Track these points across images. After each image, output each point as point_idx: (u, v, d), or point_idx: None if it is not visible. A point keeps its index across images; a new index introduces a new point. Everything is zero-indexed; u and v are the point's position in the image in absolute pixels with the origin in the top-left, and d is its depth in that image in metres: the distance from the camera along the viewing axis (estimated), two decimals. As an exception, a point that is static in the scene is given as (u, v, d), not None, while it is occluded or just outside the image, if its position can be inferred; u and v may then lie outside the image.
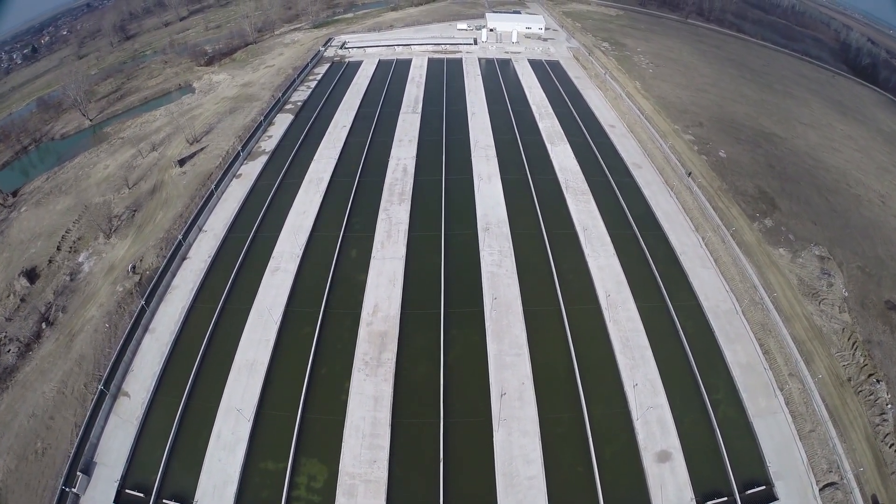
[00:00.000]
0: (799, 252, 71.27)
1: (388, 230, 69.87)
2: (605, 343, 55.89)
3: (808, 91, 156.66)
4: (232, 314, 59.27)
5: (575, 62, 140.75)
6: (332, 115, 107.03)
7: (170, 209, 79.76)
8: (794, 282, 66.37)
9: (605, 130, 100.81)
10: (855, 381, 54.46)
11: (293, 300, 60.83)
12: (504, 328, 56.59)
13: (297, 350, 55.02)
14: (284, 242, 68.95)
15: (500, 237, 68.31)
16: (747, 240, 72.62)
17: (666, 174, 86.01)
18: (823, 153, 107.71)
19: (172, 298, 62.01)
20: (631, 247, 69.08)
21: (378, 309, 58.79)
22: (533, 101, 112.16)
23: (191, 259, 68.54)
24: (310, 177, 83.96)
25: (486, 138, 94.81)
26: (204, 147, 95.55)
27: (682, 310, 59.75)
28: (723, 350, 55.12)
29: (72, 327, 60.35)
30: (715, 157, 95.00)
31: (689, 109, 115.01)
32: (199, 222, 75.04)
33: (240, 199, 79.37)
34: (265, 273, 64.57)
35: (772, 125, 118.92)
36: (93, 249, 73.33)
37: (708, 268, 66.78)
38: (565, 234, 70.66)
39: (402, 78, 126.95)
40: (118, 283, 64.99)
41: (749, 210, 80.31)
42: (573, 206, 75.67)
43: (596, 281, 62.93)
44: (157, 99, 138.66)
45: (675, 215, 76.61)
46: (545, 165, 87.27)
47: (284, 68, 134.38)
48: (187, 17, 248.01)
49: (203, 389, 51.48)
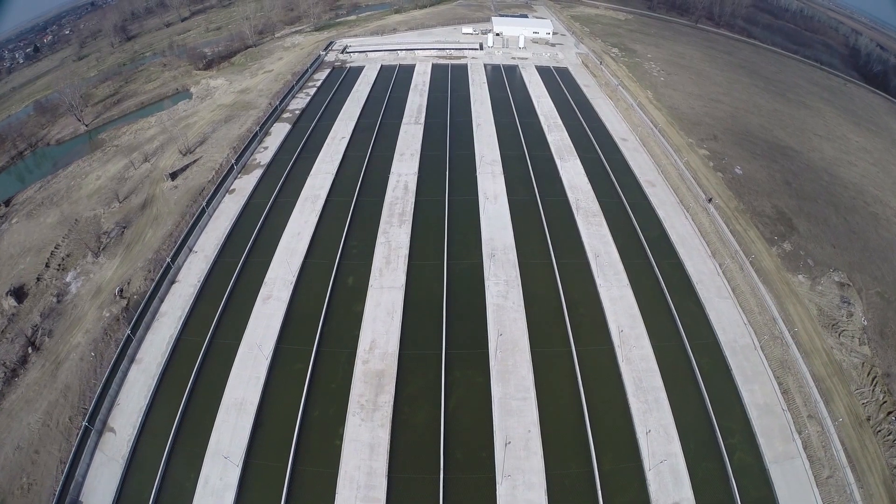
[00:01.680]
0: (818, 279, 68.55)
1: (387, 255, 65.96)
2: (617, 385, 52.15)
3: (821, 100, 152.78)
4: (220, 348, 55.77)
5: (584, 69, 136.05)
6: (330, 125, 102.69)
7: (160, 227, 76.68)
8: (813, 312, 63.58)
9: (616, 144, 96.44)
10: (874, 419, 52.05)
11: (285, 333, 57.17)
12: (510, 369, 52.77)
13: (288, 389, 51.43)
14: (277, 267, 65.24)
15: (506, 265, 64.22)
16: (766, 266, 69.37)
17: (681, 193, 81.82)
18: (840, 168, 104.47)
19: (160, 326, 58.95)
20: (645, 275, 65.07)
21: (375, 345, 55.06)
22: (541, 112, 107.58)
23: (180, 283, 65.29)
24: (305, 194, 79.91)
25: (492, 153, 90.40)
26: (197, 159, 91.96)
27: (699, 346, 56.06)
28: (740, 390, 51.87)
29: (58, 354, 58.00)
30: (731, 173, 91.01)
31: (702, 121, 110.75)
32: (190, 242, 71.56)
33: (232, 217, 75.67)
34: (256, 301, 60.97)
35: (787, 137, 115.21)
36: (81, 269, 70.82)
37: (725, 298, 63.09)
38: (576, 262, 66.47)
39: (404, 85, 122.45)
40: (105, 308, 62.56)
41: (767, 233, 77.04)
42: (584, 229, 71.49)
43: (608, 314, 59.02)
44: (153, 104, 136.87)
45: (690, 239, 72.59)
46: (554, 183, 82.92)
47: (283, 74, 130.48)
48: (189, 17, 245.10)
49: (190, 429, 48.41)
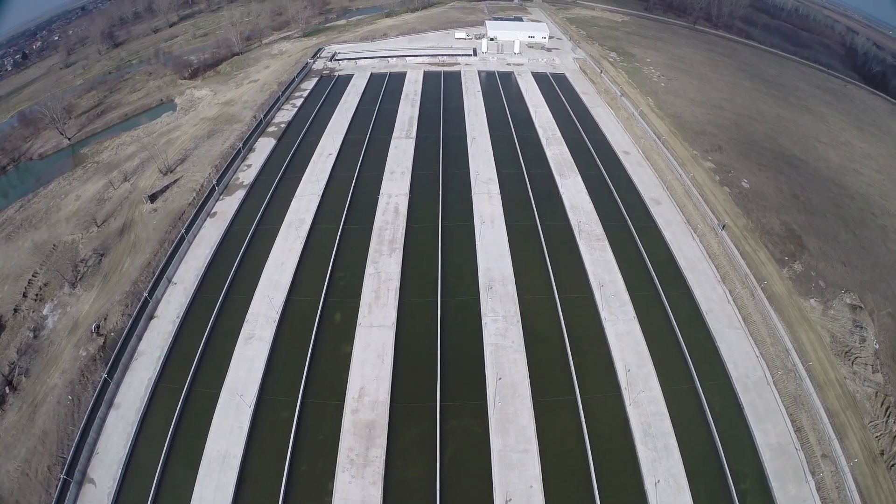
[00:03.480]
0: (830, 302, 65.85)
1: (377, 289, 61.58)
2: (624, 431, 48.59)
3: (823, 103, 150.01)
4: (201, 396, 51.83)
5: (582, 75, 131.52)
6: (317, 140, 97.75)
7: (138, 255, 72.52)
8: (826, 340, 60.78)
9: (618, 158, 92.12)
10: (888, 453, 49.81)
11: (268, 378, 53.04)
12: (510, 417, 48.78)
13: (273, 441, 47.71)
14: (259, 303, 60.91)
15: (504, 299, 59.94)
16: (777, 291, 66.10)
17: (687, 212, 77.89)
18: (846, 177, 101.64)
19: (138, 367, 55.33)
20: (653, 306, 61.15)
21: (365, 392, 50.92)
22: (539, 123, 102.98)
23: (158, 318, 61.32)
24: (290, 218, 75.23)
25: (487, 170, 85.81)
26: (178, 178, 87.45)
27: (710, 384, 52.59)
28: (752, 431, 48.83)
29: (35, 395, 55.06)
30: (738, 187, 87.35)
31: (706, 130, 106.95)
32: (169, 273, 67.29)
33: (213, 244, 71.22)
34: (238, 341, 56.78)
35: (792, 146, 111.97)
36: (58, 300, 67.54)
37: (736, 328, 59.53)
38: (580, 294, 62.15)
39: (395, 95, 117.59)
40: (81, 346, 59.30)
41: (777, 253, 73.65)
42: (587, 255, 67.30)
43: (614, 352, 55.10)
44: (137, 116, 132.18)
45: (699, 263, 68.73)
46: (555, 204, 78.38)
47: (269, 83, 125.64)
48: (177, 22, 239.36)
49: (172, 483, 45.09)
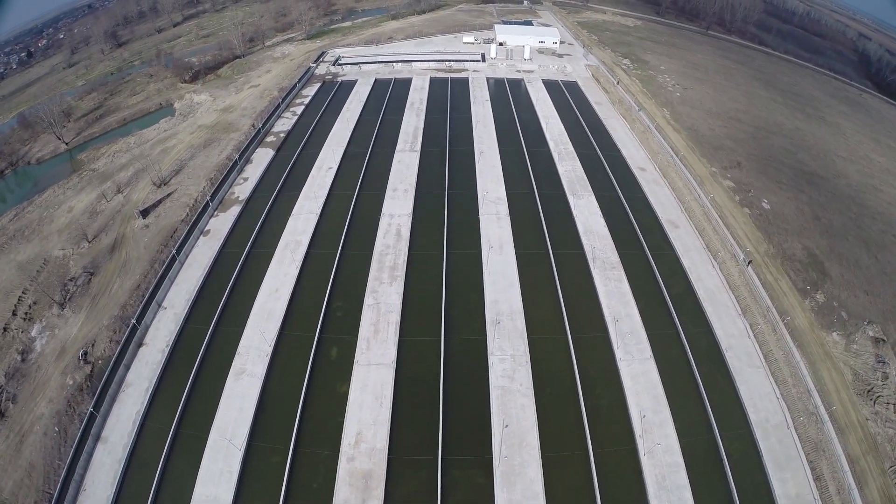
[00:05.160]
0: (853, 335, 62.51)
1: (376, 322, 57.73)
2: (637, 485, 44.95)
3: (840, 114, 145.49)
4: (189, 438, 48.51)
5: (595, 84, 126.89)
6: (317, 152, 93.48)
7: (127, 277, 69.32)
8: (848, 377, 57.64)
9: (634, 176, 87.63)
10: None
11: (260, 419, 49.49)
12: (516, 469, 45.01)
13: (264, 488, 44.40)
14: (252, 334, 57.27)
15: (513, 335, 55.90)
16: (799, 324, 62.45)
17: (707, 236, 73.61)
18: (866, 195, 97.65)
19: (125, 399, 52.45)
20: (670, 344, 57.00)
21: (362, 438, 47.24)
22: (550, 137, 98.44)
23: (147, 346, 58.17)
24: (286, 240, 71.31)
25: (496, 188, 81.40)
26: (172, 192, 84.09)
27: (729, 430, 49.16)
28: (771, 481, 45.53)
29: (22, 424, 52.99)
30: (758, 208, 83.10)
31: (724, 144, 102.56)
32: (158, 296, 63.94)
33: (205, 266, 67.69)
34: (228, 377, 53.23)
35: (811, 161, 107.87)
36: (46, 322, 65.19)
37: (757, 367, 55.74)
38: (594, 331, 57.69)
39: (399, 103, 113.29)
40: (68, 374, 56.88)
41: (800, 282, 69.70)
42: (602, 286, 63.04)
43: (629, 396, 51.15)
44: (136, 120, 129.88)
45: (718, 294, 64.60)
46: (568, 228, 73.73)
47: (270, 89, 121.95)
48: (181, 22, 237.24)
49: None
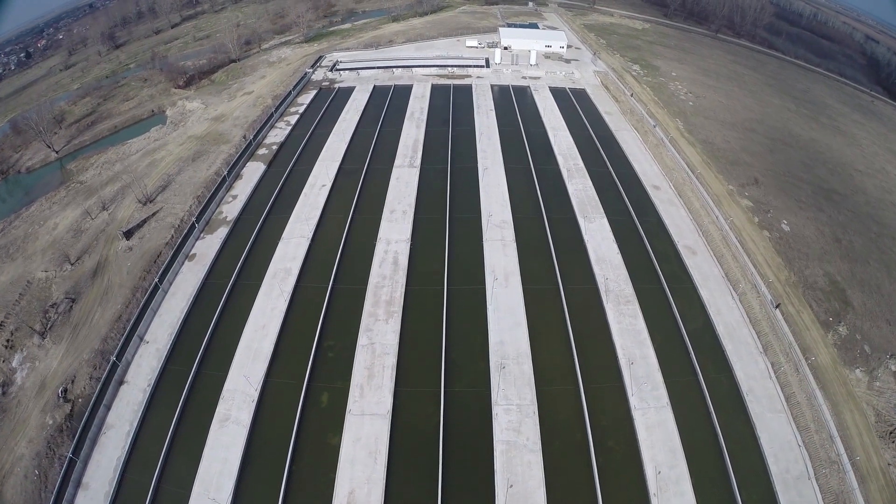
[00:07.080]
0: (876, 371, 58.96)
1: (371, 364, 53.10)
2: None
3: (854, 123, 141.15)
4: (171, 494, 44.68)
5: (604, 92, 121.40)
6: (310, 168, 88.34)
7: (109, 305, 65.43)
8: (871, 419, 54.11)
9: (648, 195, 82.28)
10: None
11: (245, 473, 45.46)
12: (524, 539, 40.77)
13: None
14: (237, 376, 52.85)
15: (519, 382, 51.21)
16: (822, 361, 58.56)
17: (726, 264, 68.90)
18: (885, 212, 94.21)
19: (106, 443, 49.29)
20: (689, 389, 52.46)
21: (354, 499, 42.86)
22: (559, 151, 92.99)
23: (128, 384, 54.57)
24: (274, 268, 66.56)
25: (501, 210, 76.00)
26: (157, 211, 79.70)
27: (748, 485, 45.17)
28: None
29: (3, 465, 50.54)
30: (778, 230, 78.52)
31: (740, 159, 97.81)
32: (140, 329, 59.87)
33: (190, 295, 63.34)
34: (212, 424, 49.16)
35: (829, 175, 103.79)
36: (27, 352, 62.57)
37: (778, 412, 51.63)
38: (608, 381, 52.73)
39: (399, 113, 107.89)
40: (48, 412, 54.18)
41: (822, 313, 65.54)
42: (615, 323, 58.22)
43: (644, 449, 46.74)
44: (127, 128, 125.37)
45: (738, 329, 60.04)
46: (579, 256, 68.35)
47: (264, 96, 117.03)
48: (179, 23, 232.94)
49: None
